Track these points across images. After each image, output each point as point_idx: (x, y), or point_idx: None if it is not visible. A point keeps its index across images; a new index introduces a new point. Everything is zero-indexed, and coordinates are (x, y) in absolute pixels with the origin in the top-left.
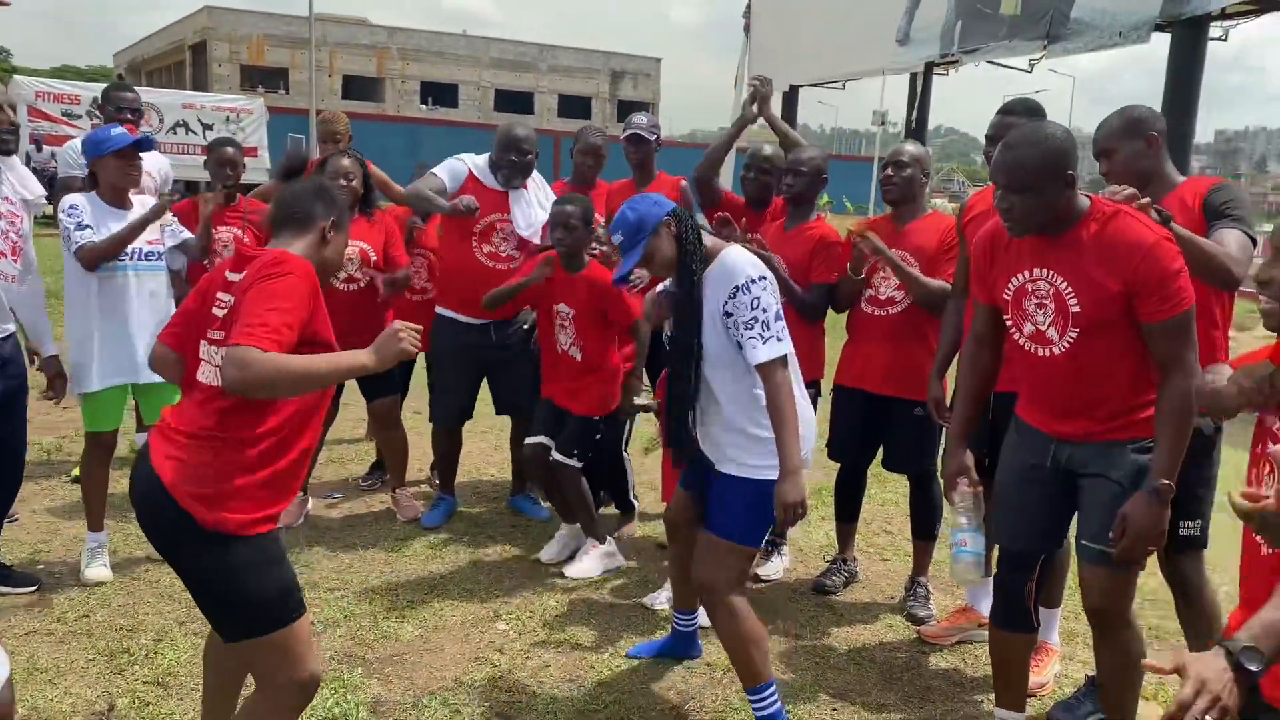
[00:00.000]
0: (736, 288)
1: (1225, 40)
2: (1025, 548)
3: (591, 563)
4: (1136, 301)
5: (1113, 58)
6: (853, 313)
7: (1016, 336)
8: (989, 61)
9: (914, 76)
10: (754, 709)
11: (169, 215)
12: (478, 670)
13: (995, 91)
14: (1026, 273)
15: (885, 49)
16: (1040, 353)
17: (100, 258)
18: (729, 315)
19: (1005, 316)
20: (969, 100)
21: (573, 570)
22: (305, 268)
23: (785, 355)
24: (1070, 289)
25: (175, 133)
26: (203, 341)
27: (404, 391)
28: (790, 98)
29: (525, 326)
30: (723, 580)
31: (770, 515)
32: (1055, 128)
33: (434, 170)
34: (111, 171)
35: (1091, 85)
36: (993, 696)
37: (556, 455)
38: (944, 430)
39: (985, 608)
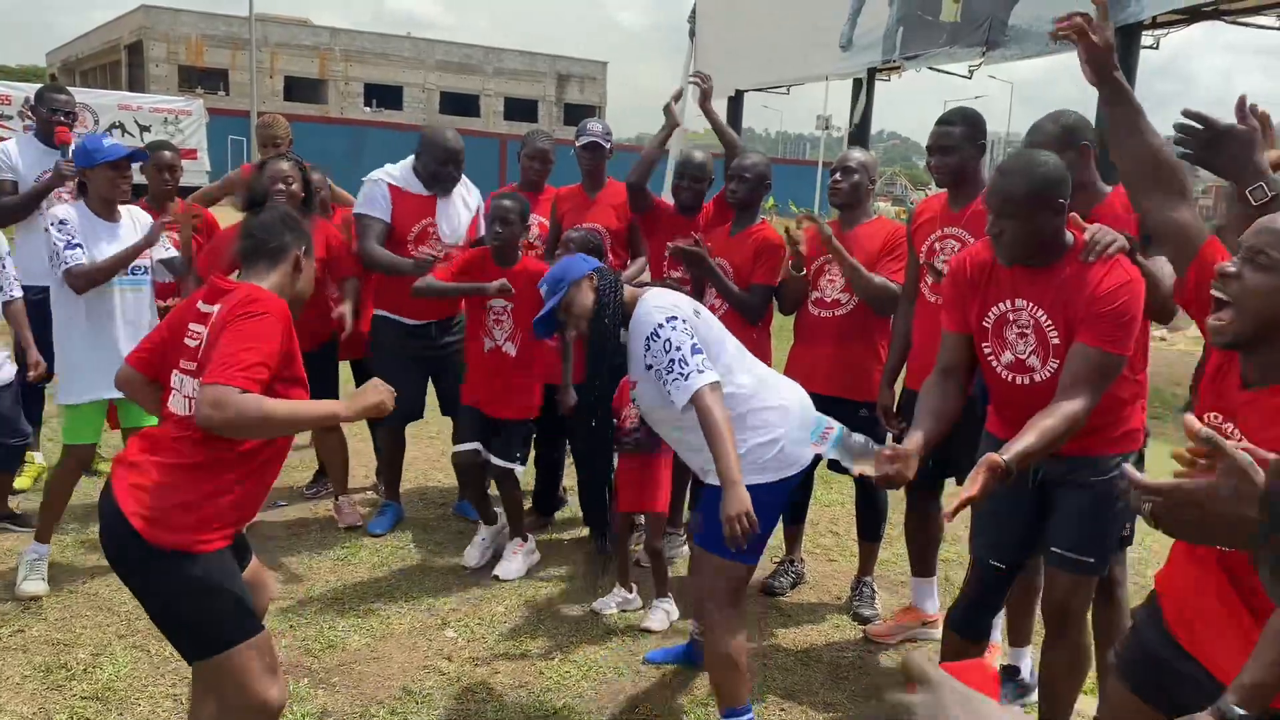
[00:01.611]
0: (647, 338)
1: (1157, 48)
2: (1005, 559)
3: (520, 562)
4: (1083, 324)
5: (1049, 64)
6: (799, 315)
7: (994, 364)
8: (930, 67)
9: (857, 81)
10: None
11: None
12: (426, 678)
13: (937, 97)
14: (1008, 302)
15: (829, 54)
16: (1019, 381)
17: (91, 284)
18: (650, 367)
19: (984, 344)
20: (912, 105)
21: (504, 571)
22: (280, 307)
23: (707, 385)
24: (1050, 321)
25: (111, 135)
26: (174, 371)
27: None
28: (735, 102)
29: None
30: (711, 595)
31: (761, 529)
32: (1048, 156)
33: (360, 212)
34: (102, 183)
35: (1029, 91)
36: None
37: (498, 462)
38: (889, 435)
39: (930, 607)
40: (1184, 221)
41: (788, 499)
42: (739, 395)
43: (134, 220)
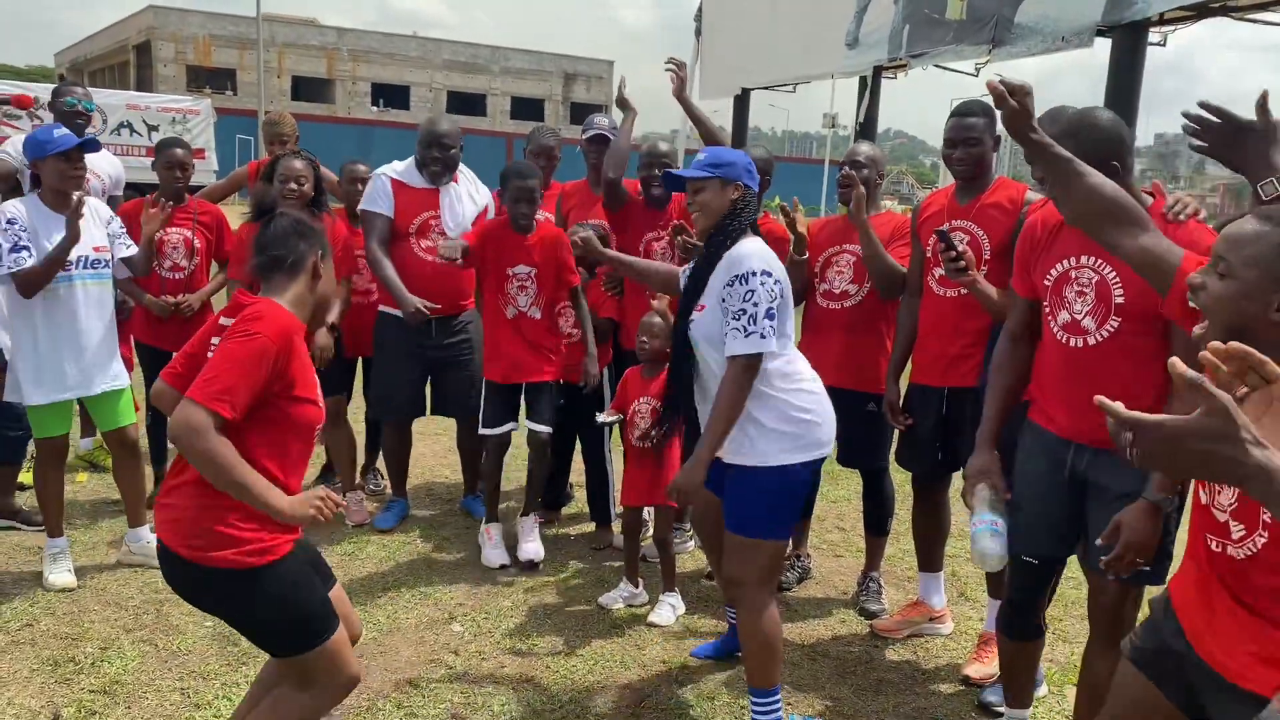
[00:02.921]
0: (736, 276)
1: (1164, 45)
2: (1046, 554)
3: (539, 542)
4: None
5: (1056, 61)
6: (807, 306)
7: (1051, 325)
8: (936, 65)
9: (863, 80)
10: (754, 712)
11: (118, 225)
12: (432, 672)
13: (943, 95)
14: (1072, 259)
15: (835, 53)
16: (1073, 343)
17: (37, 286)
18: (723, 301)
19: (1045, 305)
20: (918, 103)
21: (532, 553)
22: (279, 329)
23: (756, 353)
24: (1117, 277)
25: (119, 134)
26: None
27: (348, 395)
28: (741, 100)
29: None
30: (747, 577)
31: (783, 505)
32: (1104, 114)
33: (364, 209)
34: (52, 174)
35: (1035, 87)
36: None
37: (534, 426)
38: (895, 430)
39: (937, 601)
40: (1148, 246)
41: None
42: (790, 373)
43: (96, 213)
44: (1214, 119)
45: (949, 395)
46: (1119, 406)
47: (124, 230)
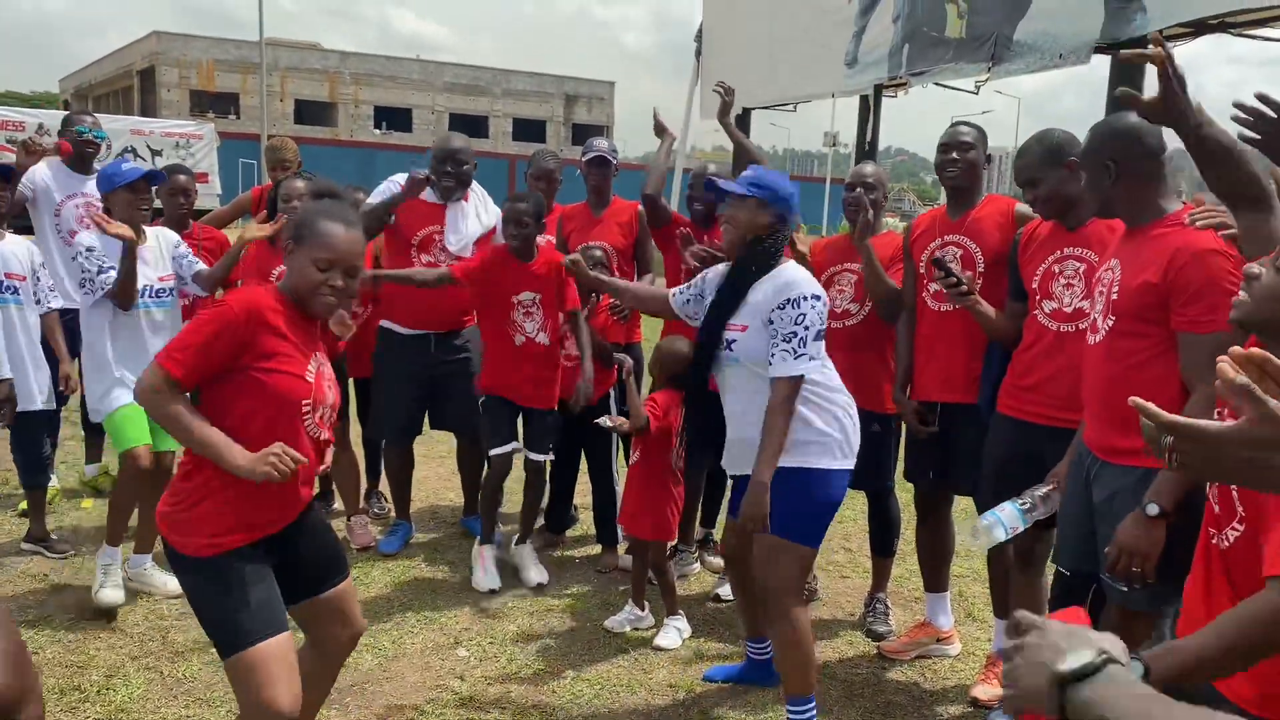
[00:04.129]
0: (789, 300)
1: None
2: (1067, 564)
3: (539, 566)
4: (1173, 305)
5: (1054, 78)
6: None
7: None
8: (936, 83)
9: (864, 98)
10: (791, 718)
11: (184, 248)
12: (439, 698)
13: (944, 112)
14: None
15: (835, 71)
16: (1089, 340)
17: (130, 296)
18: (771, 323)
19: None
20: (918, 121)
21: (538, 577)
22: (245, 300)
23: (802, 374)
24: (1120, 277)
25: (124, 159)
26: None
27: (345, 419)
28: (742, 120)
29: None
30: (778, 582)
31: (814, 508)
32: (1120, 117)
33: (370, 199)
34: (121, 205)
35: (1035, 105)
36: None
37: (534, 456)
38: (901, 446)
39: (944, 622)
40: (1271, 233)
41: None
42: (826, 383)
43: (158, 240)
44: (1271, 112)
45: (943, 411)
46: (1156, 408)
47: (189, 251)
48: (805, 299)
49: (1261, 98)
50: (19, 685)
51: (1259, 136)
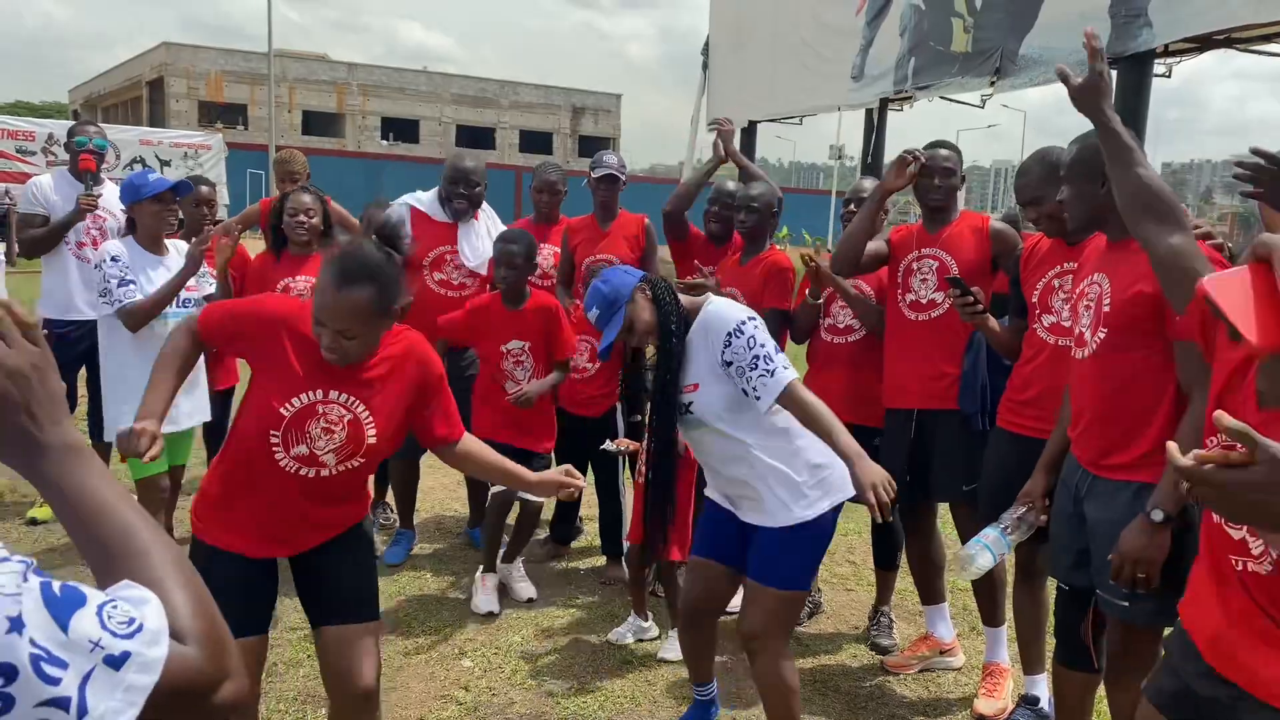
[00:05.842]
0: (728, 334)
1: (1169, 77)
2: (1076, 583)
3: (528, 582)
4: (1169, 314)
5: (1060, 92)
6: (813, 342)
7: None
8: (942, 97)
9: (869, 111)
10: None
11: (204, 265)
12: (443, 709)
13: (949, 126)
14: (1089, 276)
15: (841, 85)
16: (1076, 354)
17: (142, 321)
18: (729, 364)
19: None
20: (924, 134)
21: (529, 592)
22: (287, 302)
23: (795, 378)
24: (1110, 290)
25: (132, 169)
26: None
27: None
28: (748, 133)
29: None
30: (773, 630)
31: (818, 554)
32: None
33: (387, 213)
34: (147, 216)
35: (1041, 118)
36: None
37: (533, 499)
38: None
39: (945, 633)
40: (1178, 247)
41: None
42: (791, 428)
43: (180, 253)
44: (1271, 165)
45: (918, 418)
46: (1176, 454)
47: (209, 270)
48: (742, 324)
49: (1258, 153)
50: (214, 667)
51: (1262, 190)
